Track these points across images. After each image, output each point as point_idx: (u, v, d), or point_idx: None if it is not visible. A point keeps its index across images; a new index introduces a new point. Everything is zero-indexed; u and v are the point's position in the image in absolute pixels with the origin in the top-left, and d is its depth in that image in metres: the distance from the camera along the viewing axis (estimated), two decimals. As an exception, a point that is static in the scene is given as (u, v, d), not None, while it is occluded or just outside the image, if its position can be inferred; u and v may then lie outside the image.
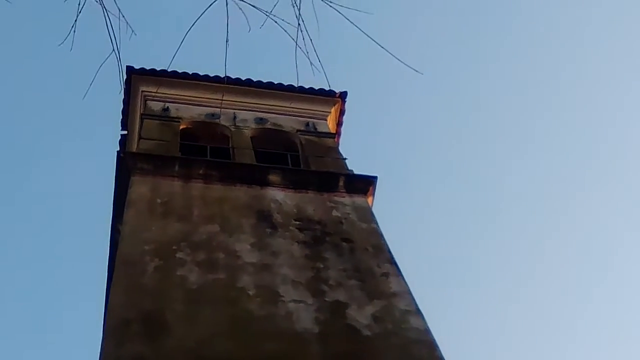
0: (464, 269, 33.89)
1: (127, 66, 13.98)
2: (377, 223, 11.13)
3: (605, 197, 33.70)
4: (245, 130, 13.75)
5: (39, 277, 31.99)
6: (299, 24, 6.11)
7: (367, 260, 10.06)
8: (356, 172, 12.56)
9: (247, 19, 6.17)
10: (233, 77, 14.19)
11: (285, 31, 6.13)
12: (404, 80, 30.35)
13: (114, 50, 5.98)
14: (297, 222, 10.69)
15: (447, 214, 33.32)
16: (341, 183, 11.95)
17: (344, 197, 11.68)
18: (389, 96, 33.43)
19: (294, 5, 6.04)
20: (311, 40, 6.17)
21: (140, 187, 10.95)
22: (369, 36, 6.24)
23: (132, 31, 6.07)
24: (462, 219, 33.77)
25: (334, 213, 11.19)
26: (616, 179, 34.27)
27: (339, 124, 15.15)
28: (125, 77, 13.75)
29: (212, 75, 14.44)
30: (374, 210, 11.70)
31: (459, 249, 33.19)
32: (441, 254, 32.76)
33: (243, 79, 14.61)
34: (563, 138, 33.42)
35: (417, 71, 6.46)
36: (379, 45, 6.25)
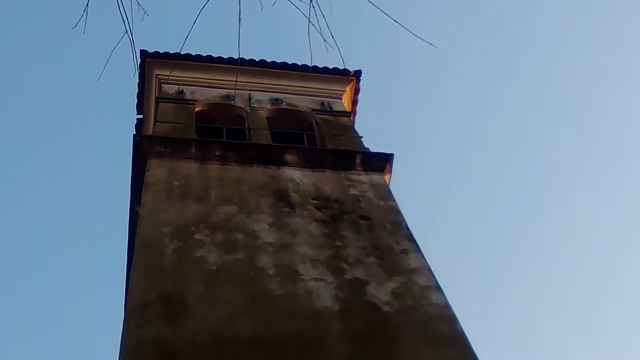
0: (482, 243, 33.84)
1: (140, 50, 13.97)
2: (394, 200, 11.11)
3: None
4: (261, 111, 13.75)
5: (60, 261, 32.24)
6: (311, 1, 6.08)
7: (385, 237, 10.05)
8: (372, 150, 12.54)
9: (259, -3, 6.13)
10: (247, 58, 14.16)
11: (298, 9, 6.09)
12: (419, 55, 30.21)
13: (126, 32, 5.97)
14: (315, 201, 10.69)
15: (464, 189, 33.26)
16: (358, 161, 11.93)
17: (361, 175, 11.67)
18: (404, 72, 33.36)
19: (306, -19, 6.00)
20: (324, 17, 6.13)
21: (157, 170, 10.97)
22: (381, 10, 6.18)
23: (145, 13, 6.06)
24: (480, 195, 33.69)
25: (352, 191, 11.18)
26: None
27: (354, 102, 15.13)
28: (139, 60, 13.74)
29: (225, 56, 14.45)
30: (391, 187, 11.69)
31: (476, 224, 33.14)
32: (459, 229, 32.73)
33: (257, 59, 14.58)
34: (587, 111, 33.15)
35: (432, 45, 6.40)
36: (392, 19, 6.19)
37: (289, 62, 14.81)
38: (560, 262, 32.73)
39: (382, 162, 12.06)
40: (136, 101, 14.89)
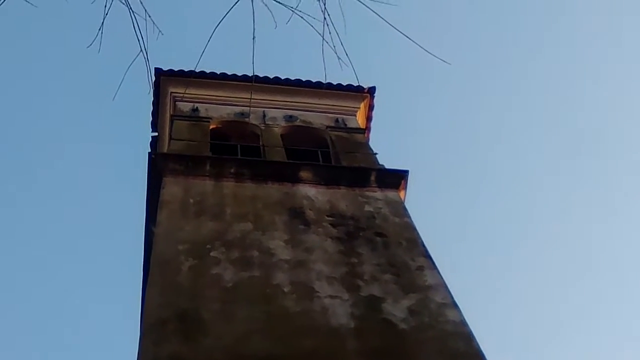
0: (499, 259, 33.70)
1: (155, 68, 14.04)
2: (409, 217, 11.09)
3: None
4: (275, 128, 13.78)
5: (75, 279, 32.29)
6: (324, 19, 6.10)
7: (401, 254, 10.03)
8: (387, 166, 12.53)
9: (272, 15, 6.17)
10: (261, 76, 14.18)
11: (312, 26, 6.12)
12: (432, 72, 30.26)
13: (141, 50, 6.01)
14: (330, 218, 10.69)
15: (480, 205, 33.17)
16: (373, 178, 11.93)
17: (376, 191, 11.66)
18: (418, 88, 33.37)
19: (319, -1, 6.03)
20: (338, 34, 6.17)
21: (172, 188, 11.00)
22: (394, 27, 6.21)
23: (159, 31, 6.10)
24: (496, 211, 33.58)
25: (367, 208, 11.17)
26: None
27: (369, 119, 15.14)
28: (153, 78, 13.82)
29: (240, 74, 14.47)
30: (406, 204, 11.67)
31: (492, 240, 33.04)
32: (475, 245, 32.63)
33: (271, 77, 14.61)
34: (597, 128, 33.04)
35: (445, 62, 6.42)
36: (405, 36, 6.22)
37: (303, 79, 14.85)
38: (581, 281, 32.59)
39: (397, 178, 12.04)
40: (151, 119, 14.94)
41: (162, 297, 8.53)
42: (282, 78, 14.82)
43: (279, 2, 6.03)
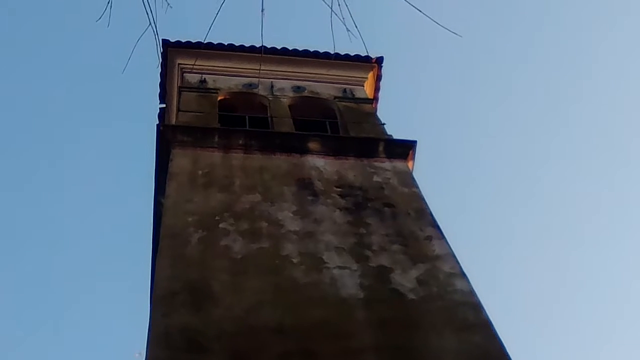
0: (507, 229, 33.71)
1: (162, 40, 13.98)
2: (418, 187, 11.09)
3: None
4: (283, 99, 13.75)
5: (86, 252, 32.45)
6: (333, -11, 6.05)
7: (409, 224, 10.04)
8: (395, 137, 12.50)
9: (281, -14, 6.13)
10: (269, 47, 14.13)
11: (320, -3, 6.08)
12: (441, 42, 30.02)
13: (150, 24, 6.00)
14: (338, 189, 10.68)
15: (488, 175, 33.14)
16: (381, 148, 11.91)
17: (384, 162, 11.65)
18: (427, 59, 33.21)
19: (328, -31, 5.98)
20: (347, 5, 6.13)
21: (181, 160, 11.01)
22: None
23: (168, 4, 6.08)
24: (504, 180, 33.54)
25: (375, 178, 11.16)
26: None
27: (376, 89, 15.09)
28: (161, 50, 13.78)
29: (248, 45, 14.43)
30: (415, 174, 11.66)
31: (500, 210, 33.03)
32: (483, 215, 32.63)
33: (279, 47, 14.56)
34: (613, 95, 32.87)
35: (455, 34, 6.37)
36: (416, 8, 6.17)
37: (311, 50, 14.79)
38: (588, 244, 32.61)
39: (405, 149, 12.02)
40: (159, 91, 14.92)
41: (172, 269, 8.56)
42: (290, 49, 14.76)
43: (287, -26, 5.99)
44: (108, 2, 5.91)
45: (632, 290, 32.13)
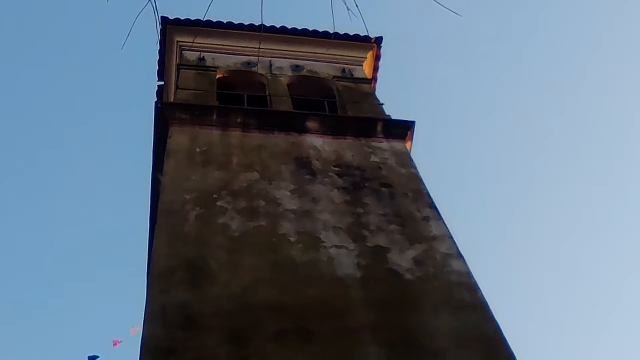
0: (504, 211, 33.77)
1: (161, 17, 13.86)
2: (416, 167, 11.10)
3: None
4: (282, 78, 13.72)
5: (82, 230, 32.47)
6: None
7: (407, 204, 10.05)
8: (393, 117, 12.49)
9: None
10: (268, 25, 14.08)
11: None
12: (440, 22, 29.98)
13: (149, 1, 5.97)
14: (336, 168, 10.69)
15: (486, 157, 33.13)
16: (379, 128, 11.90)
17: (382, 142, 11.65)
18: (426, 39, 33.18)
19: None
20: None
21: (179, 137, 10.99)
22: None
23: (168, -20, 6.05)
24: (501, 162, 33.56)
25: (373, 158, 11.16)
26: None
27: (375, 69, 15.05)
28: (160, 27, 13.73)
29: (247, 23, 14.37)
30: (412, 154, 11.66)
31: (497, 191, 33.07)
32: (480, 196, 32.67)
33: (278, 26, 14.51)
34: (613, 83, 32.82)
35: (455, 13, 6.35)
36: (416, -14, 6.15)
37: (310, 29, 14.74)
38: (585, 225, 32.66)
39: (403, 129, 12.02)
40: (157, 68, 14.88)
41: (169, 246, 8.58)
42: (289, 27, 14.71)
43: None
44: (107, -22, 5.89)
45: (628, 269, 32.24)
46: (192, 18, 14.22)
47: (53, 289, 31.30)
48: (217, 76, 13.56)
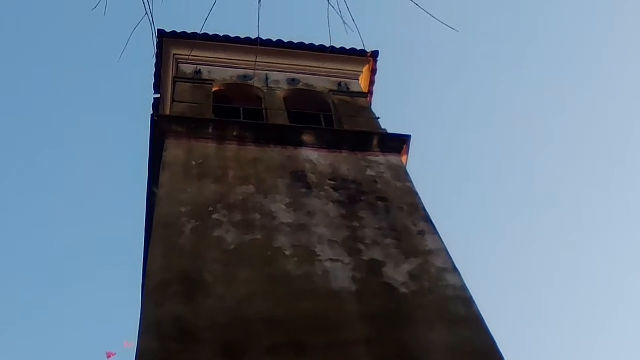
0: (499, 225, 33.77)
1: (158, 30, 13.96)
2: (411, 182, 11.11)
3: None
4: (278, 91, 13.76)
5: (79, 241, 32.41)
6: (330, -18, 6.05)
7: (402, 218, 10.05)
8: (389, 131, 12.51)
9: (278, -22, 6.13)
10: (265, 39, 14.15)
11: (317, -10, 6.08)
12: (436, 37, 30.04)
13: (146, 13, 5.99)
14: (332, 182, 10.69)
15: (482, 171, 33.19)
16: (375, 142, 11.93)
17: (378, 156, 11.66)
18: (422, 53, 33.23)
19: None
20: (344, -1, 6.11)
21: (175, 150, 10.99)
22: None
23: (164, -6, 6.07)
24: (497, 177, 33.59)
25: (369, 172, 11.17)
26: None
27: (371, 83, 15.10)
28: (157, 40, 13.78)
29: (244, 37, 14.45)
30: (408, 169, 11.68)
31: (493, 206, 33.08)
32: (476, 211, 32.68)
33: (275, 40, 14.58)
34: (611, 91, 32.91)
35: (452, 28, 6.38)
36: (413, 2, 6.17)
37: (307, 43, 14.81)
38: (580, 242, 32.67)
39: (399, 143, 12.04)
40: (153, 81, 14.90)
41: (164, 259, 8.55)
42: (286, 41, 14.77)
43: (284, -35, 5.99)
44: (105, -10, 5.90)
45: (624, 286, 32.24)
46: (189, 31, 14.31)
47: (46, 300, 31.18)
48: (214, 89, 13.59)
